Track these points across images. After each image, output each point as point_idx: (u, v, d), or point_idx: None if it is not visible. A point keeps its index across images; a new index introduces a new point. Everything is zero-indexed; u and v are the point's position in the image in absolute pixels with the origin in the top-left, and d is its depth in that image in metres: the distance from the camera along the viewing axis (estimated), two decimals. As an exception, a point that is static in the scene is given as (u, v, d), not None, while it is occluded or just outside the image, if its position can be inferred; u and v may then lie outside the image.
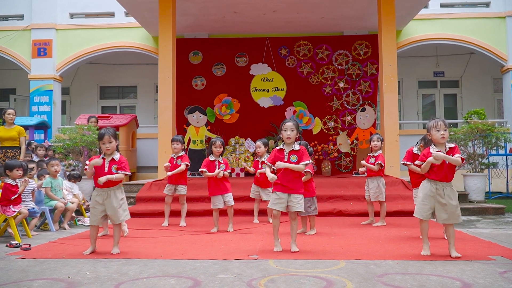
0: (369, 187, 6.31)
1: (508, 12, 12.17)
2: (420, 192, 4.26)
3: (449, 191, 4.12)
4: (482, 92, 14.03)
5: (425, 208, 4.17)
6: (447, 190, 4.12)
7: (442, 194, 4.10)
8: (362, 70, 11.71)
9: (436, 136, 4.13)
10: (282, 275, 3.52)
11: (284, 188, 4.42)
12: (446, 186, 4.13)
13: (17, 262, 4.11)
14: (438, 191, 4.12)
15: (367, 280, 3.35)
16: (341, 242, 4.92)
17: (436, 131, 4.12)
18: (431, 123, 4.16)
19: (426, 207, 4.17)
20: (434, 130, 4.13)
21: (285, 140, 4.48)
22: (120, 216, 4.43)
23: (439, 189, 4.12)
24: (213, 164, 5.85)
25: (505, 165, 10.42)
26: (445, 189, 4.11)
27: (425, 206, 4.17)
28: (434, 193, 4.13)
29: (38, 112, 12.49)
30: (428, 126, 4.21)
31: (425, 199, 4.17)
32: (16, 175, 5.50)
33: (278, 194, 4.43)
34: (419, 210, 4.22)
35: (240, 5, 10.16)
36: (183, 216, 6.45)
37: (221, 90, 11.77)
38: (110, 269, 3.76)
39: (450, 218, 4.11)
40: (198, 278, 3.44)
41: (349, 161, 11.50)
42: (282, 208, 4.44)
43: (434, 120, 4.16)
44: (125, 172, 4.45)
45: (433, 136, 4.15)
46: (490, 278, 3.38)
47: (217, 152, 5.91)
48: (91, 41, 12.64)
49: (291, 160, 4.42)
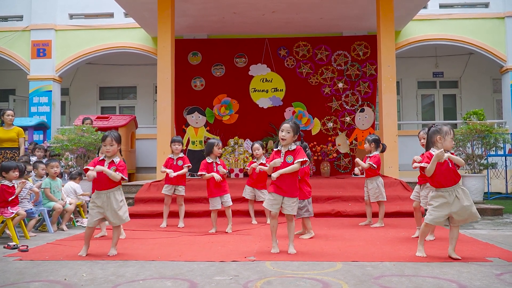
0: (368, 188, 6.30)
1: (507, 13, 12.17)
2: (432, 201, 4.17)
3: (461, 192, 4.09)
4: (481, 92, 14.02)
5: (440, 215, 4.10)
6: (459, 192, 4.08)
7: (454, 199, 4.06)
8: (361, 70, 11.71)
9: (449, 144, 4.12)
10: (278, 277, 3.52)
11: (279, 190, 4.43)
12: (457, 189, 4.09)
13: (14, 263, 4.11)
14: (450, 196, 4.07)
15: (363, 282, 3.35)
16: (339, 244, 4.92)
17: (451, 139, 4.12)
18: (447, 129, 4.12)
19: (440, 214, 4.10)
20: (449, 136, 4.11)
21: (280, 141, 4.50)
22: (120, 218, 4.44)
23: (451, 194, 4.08)
24: (211, 166, 5.86)
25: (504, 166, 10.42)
26: (457, 192, 4.08)
27: (440, 214, 4.10)
28: (448, 200, 4.07)
29: (38, 112, 12.49)
30: (444, 130, 4.12)
31: (439, 206, 4.10)
32: (12, 176, 5.50)
33: (274, 195, 4.44)
34: (432, 218, 4.13)
35: (239, 5, 10.17)
36: (181, 217, 6.45)
37: (220, 90, 11.77)
38: (107, 271, 3.76)
39: (468, 218, 4.11)
40: (194, 280, 3.44)
41: (348, 161, 11.51)
42: (277, 209, 4.45)
43: (448, 127, 4.15)
44: (121, 175, 4.45)
45: (446, 142, 4.11)
46: (486, 280, 3.38)
47: (218, 153, 5.92)
48: (90, 42, 12.64)
49: (287, 161, 4.41)
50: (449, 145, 4.12)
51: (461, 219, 4.11)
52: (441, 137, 4.14)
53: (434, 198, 4.16)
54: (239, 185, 8.15)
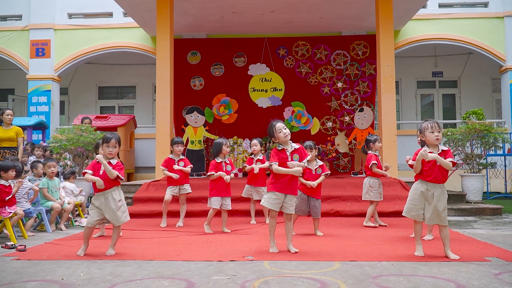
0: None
1: (506, 12, 12.16)
2: (411, 192, 4.25)
3: (439, 193, 4.09)
4: (480, 92, 14.02)
5: (414, 208, 4.15)
6: (437, 191, 4.09)
7: (431, 195, 4.08)
8: (361, 70, 11.70)
9: (430, 138, 4.11)
10: (276, 276, 3.51)
11: (282, 187, 4.41)
12: (437, 188, 4.10)
13: (12, 263, 4.10)
14: (428, 191, 4.10)
15: (361, 281, 3.34)
16: (337, 243, 4.92)
17: (430, 133, 4.10)
18: (425, 124, 4.15)
19: (415, 207, 4.15)
20: (428, 131, 4.11)
21: (284, 140, 4.45)
22: (119, 218, 4.43)
23: (429, 190, 4.10)
24: (220, 165, 5.86)
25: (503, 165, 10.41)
26: (435, 190, 4.09)
27: (414, 206, 4.16)
28: (424, 193, 4.11)
29: (37, 112, 12.48)
30: (422, 127, 4.18)
31: (415, 199, 4.16)
32: (9, 176, 5.49)
33: (276, 194, 4.42)
34: (408, 210, 4.21)
35: (238, 5, 10.16)
36: (182, 216, 6.46)
37: (219, 90, 11.76)
38: (104, 270, 3.75)
39: (434, 219, 4.10)
40: (192, 279, 3.43)
41: (347, 161, 11.50)
42: (278, 208, 4.44)
43: (428, 121, 4.15)
44: (119, 174, 4.44)
45: (427, 137, 4.13)
46: (485, 279, 3.37)
47: (226, 152, 5.94)
48: (89, 41, 12.62)
49: (294, 159, 4.41)
50: (430, 139, 4.11)
51: (429, 217, 4.09)
52: (423, 135, 4.16)
53: (411, 191, 4.22)
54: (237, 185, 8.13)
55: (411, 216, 4.21)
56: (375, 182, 6.21)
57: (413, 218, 4.22)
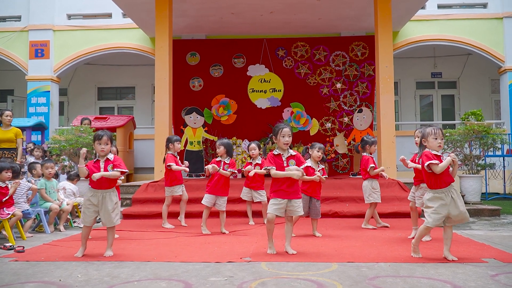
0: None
1: (505, 13, 12.17)
2: (432, 203, 4.13)
3: (455, 193, 4.10)
4: (479, 93, 14.02)
5: (439, 217, 4.09)
6: (454, 193, 4.10)
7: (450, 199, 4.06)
8: (360, 71, 11.71)
9: (433, 144, 4.12)
10: (273, 278, 3.52)
11: (284, 194, 4.42)
12: (451, 189, 4.10)
13: (10, 264, 4.11)
14: (447, 197, 4.07)
15: (358, 283, 3.35)
16: (335, 244, 4.92)
17: (434, 139, 4.12)
18: (429, 130, 4.15)
19: (440, 215, 4.09)
20: (432, 137, 4.12)
21: (282, 146, 4.47)
22: (112, 219, 4.43)
23: (447, 195, 4.08)
24: (219, 163, 5.88)
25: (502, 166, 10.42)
26: (452, 193, 4.09)
27: (439, 215, 4.09)
28: (445, 201, 4.07)
29: (36, 113, 12.48)
30: (425, 132, 4.17)
31: (438, 208, 4.08)
32: (5, 177, 5.49)
33: (279, 200, 4.43)
34: (433, 221, 4.10)
35: (237, 6, 10.17)
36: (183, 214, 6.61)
37: (218, 91, 11.77)
38: (102, 272, 3.76)
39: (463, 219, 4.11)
40: (189, 281, 3.44)
41: (346, 162, 11.51)
42: (283, 213, 4.45)
43: (432, 127, 4.16)
44: (121, 169, 4.43)
45: (429, 143, 4.13)
46: (481, 281, 3.38)
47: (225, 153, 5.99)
48: (88, 42, 12.62)
49: (290, 165, 4.43)
50: (433, 146, 4.13)
51: (458, 219, 4.12)
52: (425, 139, 4.18)
53: (431, 201, 4.14)
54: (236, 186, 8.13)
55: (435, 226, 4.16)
56: (376, 184, 6.23)
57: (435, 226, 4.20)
